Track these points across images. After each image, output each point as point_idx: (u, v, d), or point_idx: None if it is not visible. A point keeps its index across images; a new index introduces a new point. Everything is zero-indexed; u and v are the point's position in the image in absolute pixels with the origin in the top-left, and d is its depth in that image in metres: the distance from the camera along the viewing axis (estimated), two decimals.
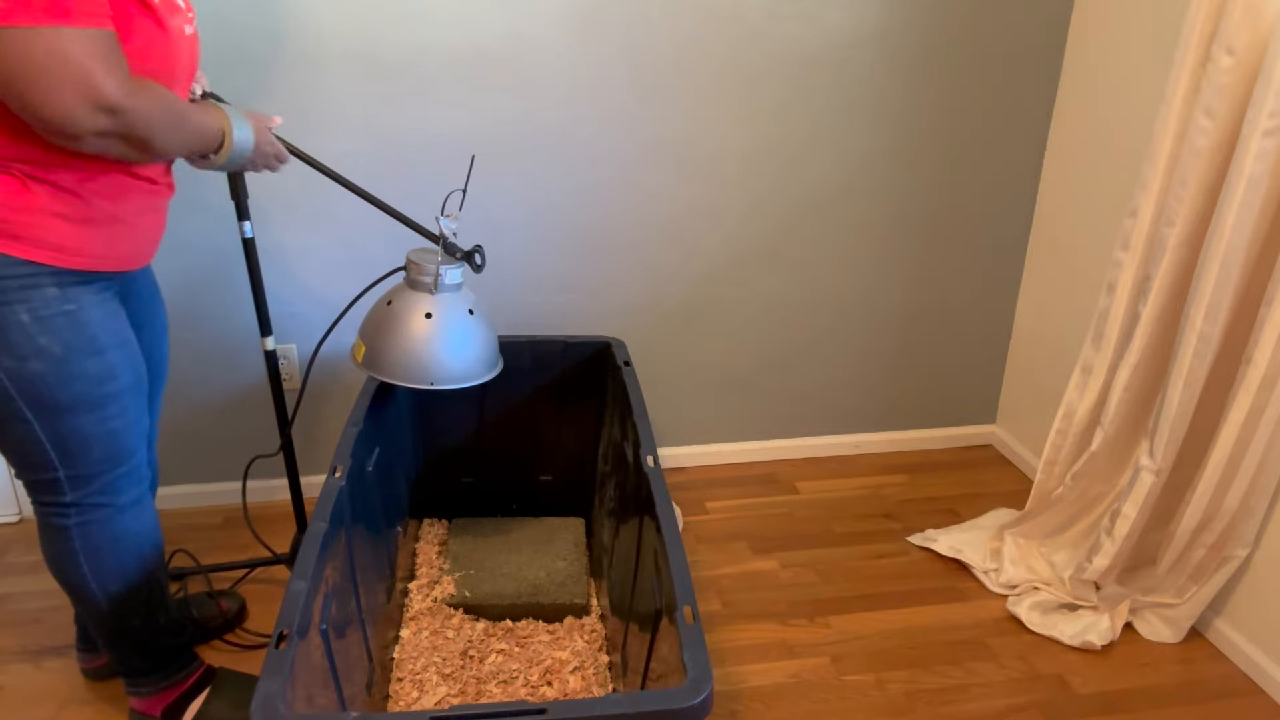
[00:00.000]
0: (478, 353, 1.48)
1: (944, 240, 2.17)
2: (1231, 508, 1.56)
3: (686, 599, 1.09)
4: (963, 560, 1.91)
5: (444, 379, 1.45)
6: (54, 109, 0.97)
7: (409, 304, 1.46)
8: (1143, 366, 1.64)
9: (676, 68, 1.88)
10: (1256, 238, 1.44)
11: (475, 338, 1.48)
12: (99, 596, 1.30)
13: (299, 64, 1.74)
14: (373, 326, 1.48)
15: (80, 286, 1.15)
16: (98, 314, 1.17)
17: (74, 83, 0.97)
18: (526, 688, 1.50)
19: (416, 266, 1.47)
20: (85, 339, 1.16)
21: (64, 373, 1.15)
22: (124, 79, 1.01)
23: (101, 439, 1.22)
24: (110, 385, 1.20)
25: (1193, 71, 1.47)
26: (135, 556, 1.32)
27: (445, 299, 1.46)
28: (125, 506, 1.29)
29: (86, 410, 1.18)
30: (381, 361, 1.45)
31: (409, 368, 1.43)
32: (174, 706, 1.43)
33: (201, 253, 1.85)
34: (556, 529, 1.88)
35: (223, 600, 1.70)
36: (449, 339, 1.45)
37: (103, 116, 1.00)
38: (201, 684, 1.45)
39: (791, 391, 2.27)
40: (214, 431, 2.01)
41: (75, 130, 1.00)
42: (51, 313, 1.12)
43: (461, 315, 1.48)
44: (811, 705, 1.55)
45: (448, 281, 1.47)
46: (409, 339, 1.44)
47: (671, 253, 2.06)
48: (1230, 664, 1.66)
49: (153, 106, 1.06)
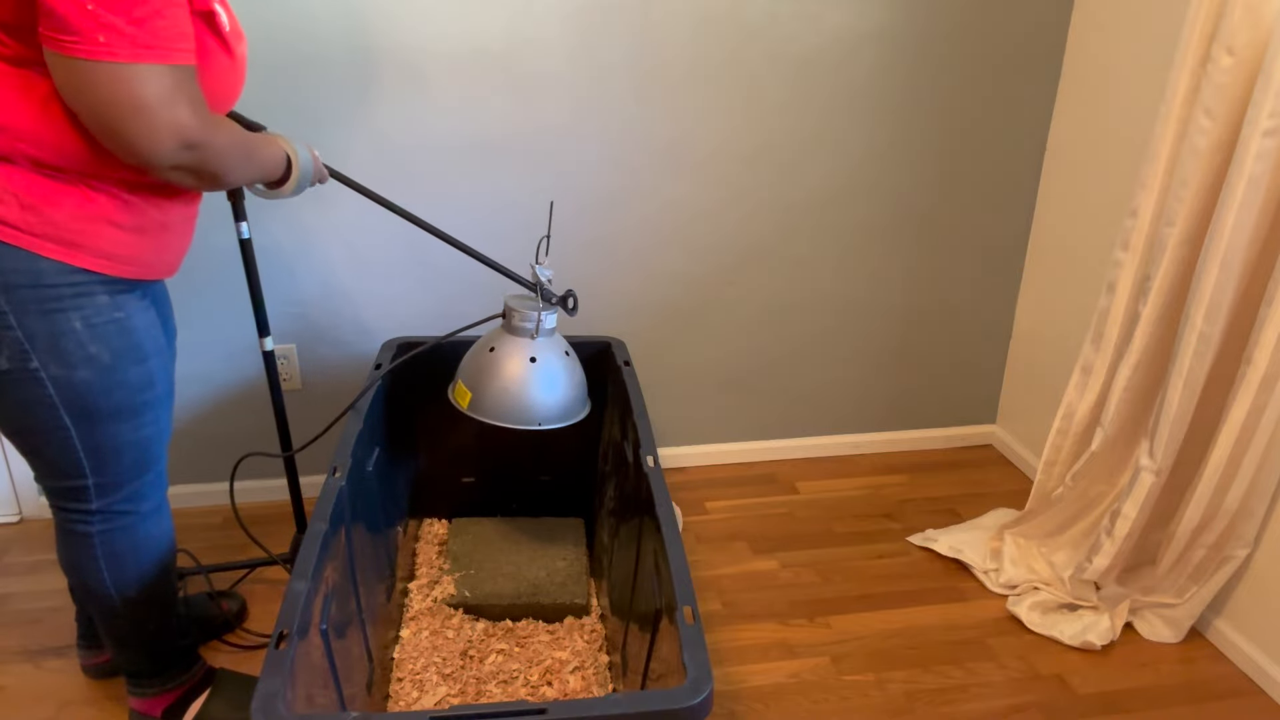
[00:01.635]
0: (574, 393, 1.56)
1: (944, 240, 2.17)
2: (1231, 508, 1.56)
3: (686, 599, 1.09)
4: (963, 560, 1.92)
5: (548, 419, 1.52)
6: (142, 143, 0.98)
7: (510, 349, 1.52)
8: (1143, 366, 1.64)
9: (676, 68, 1.88)
10: (1256, 238, 1.44)
11: (572, 378, 1.55)
12: (116, 600, 1.30)
13: (300, 65, 1.74)
14: (475, 372, 1.54)
15: (126, 294, 1.16)
16: (142, 321, 1.18)
17: (165, 120, 0.98)
18: (526, 688, 1.50)
19: (517, 314, 1.53)
20: (132, 346, 1.17)
21: (110, 380, 1.15)
22: (206, 114, 1.03)
23: (134, 446, 1.22)
24: (149, 393, 1.21)
25: (1193, 71, 1.47)
26: (154, 562, 1.33)
27: (544, 343, 1.53)
28: (148, 513, 1.30)
29: (125, 418, 1.19)
30: (487, 405, 1.51)
31: (514, 410, 1.50)
32: (174, 707, 1.43)
33: (202, 252, 1.84)
34: (556, 529, 1.88)
35: (224, 600, 1.70)
36: (549, 381, 1.52)
37: (185, 152, 1.01)
38: (202, 685, 1.45)
39: (791, 391, 2.27)
40: (214, 431, 2.01)
41: (157, 163, 1.01)
42: (103, 320, 1.13)
43: (559, 357, 1.54)
44: (811, 705, 1.55)
45: (546, 326, 1.53)
46: (513, 383, 1.50)
47: (671, 253, 2.06)
48: (1230, 664, 1.66)
49: (227, 142, 1.07)
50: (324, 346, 1.99)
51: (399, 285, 1.96)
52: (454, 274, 1.97)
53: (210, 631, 1.66)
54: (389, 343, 1.80)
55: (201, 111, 1.02)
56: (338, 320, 1.97)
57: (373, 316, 1.98)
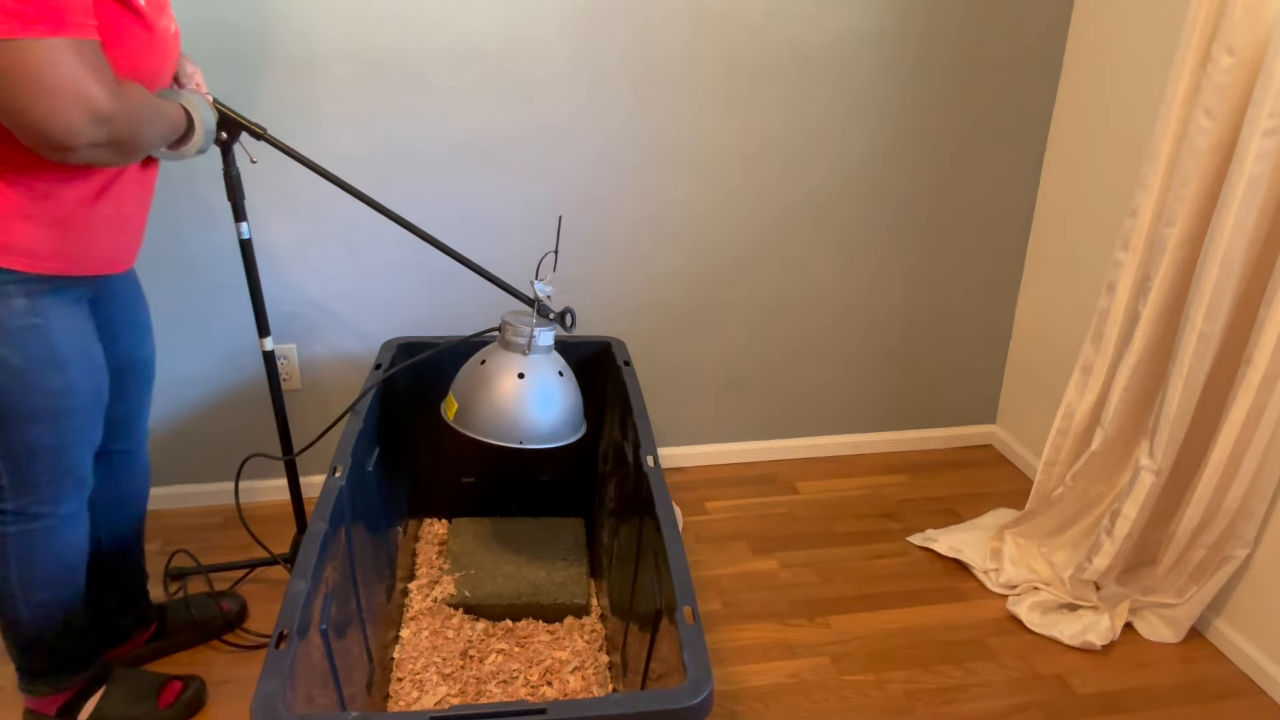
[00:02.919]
0: (565, 414, 1.52)
1: (944, 240, 2.17)
2: (1231, 508, 1.56)
3: (686, 599, 1.09)
4: (963, 560, 1.91)
5: (532, 438, 1.48)
6: (55, 121, 0.95)
7: (501, 364, 1.49)
8: (1143, 366, 1.64)
9: (676, 68, 1.88)
10: (1256, 238, 1.44)
11: (564, 399, 1.52)
12: (21, 603, 1.29)
13: (299, 65, 1.74)
14: (465, 385, 1.51)
15: (50, 296, 1.13)
16: (64, 328, 1.15)
17: (73, 95, 0.95)
18: (526, 688, 1.50)
19: (511, 328, 1.50)
20: (49, 353, 1.14)
21: (22, 385, 1.13)
22: (113, 84, 1.01)
23: (52, 451, 1.20)
24: (68, 401, 1.18)
25: (1193, 71, 1.47)
26: (66, 566, 1.31)
27: (537, 360, 1.50)
28: (66, 517, 1.27)
29: (40, 422, 1.17)
30: (472, 419, 1.48)
31: (500, 426, 1.47)
32: (69, 705, 1.41)
33: (202, 252, 1.84)
34: (556, 529, 1.88)
35: (224, 600, 1.70)
36: (539, 399, 1.49)
37: (100, 127, 0.99)
38: (97, 682, 1.44)
39: (791, 391, 2.27)
40: (214, 431, 2.01)
41: (74, 142, 0.98)
42: (16, 324, 1.10)
43: (552, 377, 1.51)
44: (811, 705, 1.55)
45: (540, 343, 1.51)
46: (501, 397, 1.47)
47: (671, 253, 2.06)
48: (1230, 664, 1.66)
49: (135, 105, 1.05)
50: (324, 347, 1.99)
51: (399, 286, 1.96)
52: (454, 275, 1.97)
53: (210, 632, 1.66)
54: (389, 343, 1.80)
55: (109, 82, 0.99)
56: (338, 320, 1.97)
57: (373, 317, 1.98)
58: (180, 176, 1.78)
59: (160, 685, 1.48)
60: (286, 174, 1.81)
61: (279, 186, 1.83)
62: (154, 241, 1.81)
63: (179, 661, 1.61)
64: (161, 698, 1.47)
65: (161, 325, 1.88)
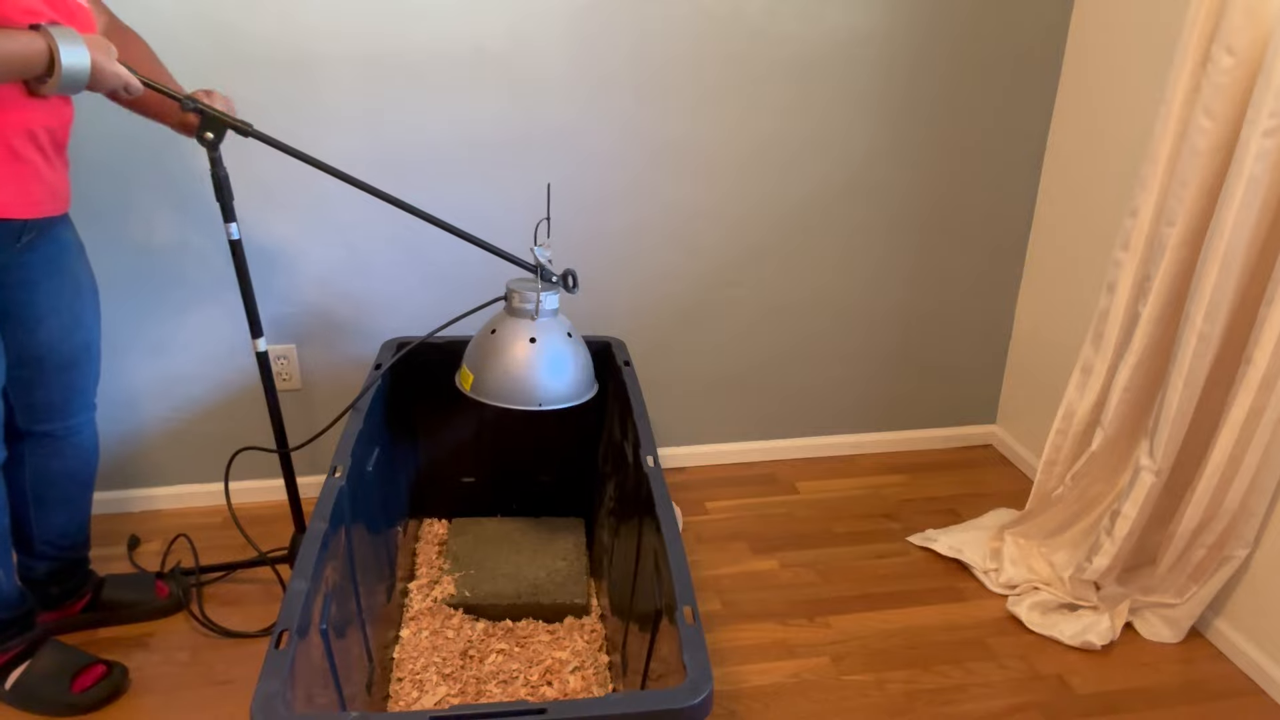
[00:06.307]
0: (578, 374, 1.55)
1: (944, 240, 2.17)
2: (1231, 508, 1.56)
3: (686, 599, 1.09)
4: (963, 560, 1.92)
5: (549, 400, 1.51)
6: None
7: (512, 331, 1.53)
8: (1143, 366, 1.64)
9: (676, 68, 1.88)
10: (1256, 238, 1.44)
11: (575, 359, 1.55)
12: None
13: (299, 65, 1.74)
14: (478, 354, 1.54)
15: None
16: None
17: None
18: (526, 688, 1.50)
19: (517, 295, 1.53)
20: None
21: None
22: None
23: None
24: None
25: (1192, 71, 1.47)
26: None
27: (545, 324, 1.54)
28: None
29: None
30: (489, 387, 1.51)
31: (516, 391, 1.50)
32: (3, 667, 1.43)
33: (202, 251, 1.85)
34: (556, 529, 1.88)
35: (164, 582, 1.70)
36: (551, 362, 1.52)
37: None
38: (31, 650, 1.45)
39: (791, 391, 2.27)
40: (214, 431, 2.01)
41: None
42: None
43: (561, 338, 1.54)
44: (811, 705, 1.55)
45: (547, 307, 1.54)
46: (514, 364, 1.51)
47: (671, 253, 2.06)
48: (1230, 664, 1.66)
49: None
50: (324, 346, 1.99)
51: (399, 285, 1.96)
52: (454, 274, 1.97)
53: (141, 614, 1.67)
54: (389, 342, 1.80)
55: None
56: (338, 320, 1.97)
57: (373, 316, 1.98)
58: (181, 176, 1.78)
59: (82, 667, 1.48)
60: (287, 174, 1.81)
61: (278, 186, 1.83)
62: (155, 240, 1.81)
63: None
64: (78, 680, 1.46)
65: (162, 325, 1.88)
